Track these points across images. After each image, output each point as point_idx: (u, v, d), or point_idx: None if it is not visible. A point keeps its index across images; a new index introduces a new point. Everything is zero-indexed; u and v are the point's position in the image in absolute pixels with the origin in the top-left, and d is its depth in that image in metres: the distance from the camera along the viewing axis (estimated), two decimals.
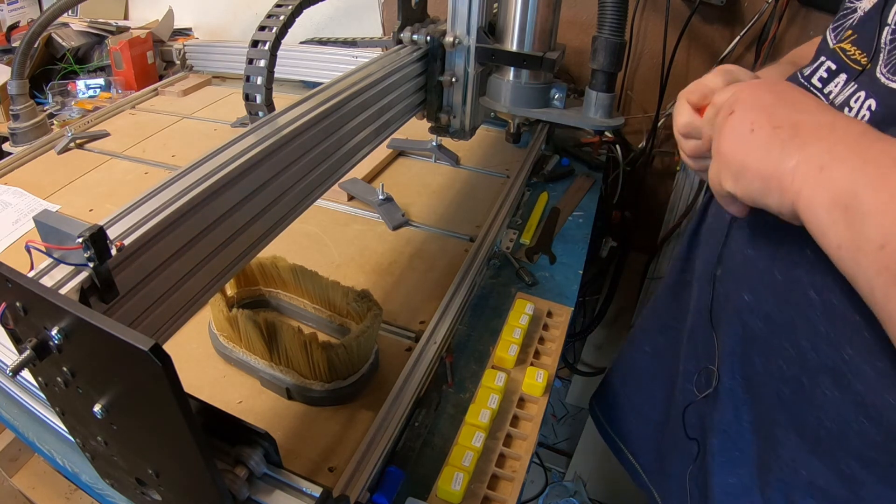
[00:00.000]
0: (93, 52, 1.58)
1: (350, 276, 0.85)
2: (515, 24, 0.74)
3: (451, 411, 0.67)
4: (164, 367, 0.31)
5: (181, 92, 1.48)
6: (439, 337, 0.71)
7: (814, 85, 0.46)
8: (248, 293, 0.76)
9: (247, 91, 0.68)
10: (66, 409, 0.44)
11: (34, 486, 0.95)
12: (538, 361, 0.74)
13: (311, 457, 0.60)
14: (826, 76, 0.45)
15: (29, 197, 1.03)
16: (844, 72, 0.44)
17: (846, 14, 0.48)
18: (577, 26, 1.31)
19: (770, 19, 1.13)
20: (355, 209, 1.01)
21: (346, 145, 0.63)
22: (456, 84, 0.80)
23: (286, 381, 0.64)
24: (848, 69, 0.43)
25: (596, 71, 0.71)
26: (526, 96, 0.77)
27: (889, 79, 0.38)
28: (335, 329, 0.73)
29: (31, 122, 1.22)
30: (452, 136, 0.86)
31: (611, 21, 0.67)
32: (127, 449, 0.42)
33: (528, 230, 0.98)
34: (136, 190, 0.42)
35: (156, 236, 0.41)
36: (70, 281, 0.37)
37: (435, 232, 0.96)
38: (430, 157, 1.17)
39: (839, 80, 0.44)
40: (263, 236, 0.53)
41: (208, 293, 0.48)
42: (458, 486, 0.57)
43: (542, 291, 0.87)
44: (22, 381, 0.62)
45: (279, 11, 0.69)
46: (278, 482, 0.45)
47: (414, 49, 0.77)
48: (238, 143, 0.50)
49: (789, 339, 0.44)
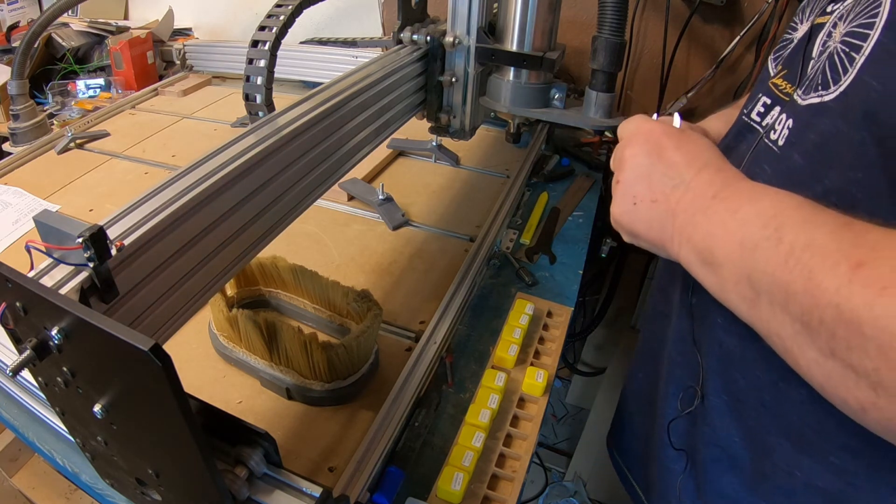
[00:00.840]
0: (93, 52, 1.58)
1: (350, 276, 0.85)
2: (515, 24, 0.74)
3: (451, 411, 0.67)
4: (164, 367, 0.31)
5: (181, 92, 1.48)
6: (439, 337, 0.71)
7: (753, 119, 0.51)
8: (248, 293, 0.76)
9: (247, 91, 0.68)
10: (66, 409, 0.44)
11: (34, 486, 0.95)
12: (538, 361, 0.75)
13: (311, 457, 0.60)
14: (763, 110, 0.51)
15: (29, 197, 1.03)
16: (778, 104, 0.48)
17: (784, 44, 0.52)
18: (577, 26, 1.31)
19: (770, 19, 1.13)
20: (355, 209, 1.01)
21: (346, 145, 0.63)
22: (456, 84, 0.80)
23: (286, 381, 0.64)
24: (780, 101, 0.48)
25: (596, 71, 0.71)
26: (526, 96, 0.78)
27: (803, 98, 0.44)
28: (335, 329, 0.73)
29: (31, 122, 1.22)
30: (452, 136, 0.86)
31: (611, 21, 0.67)
32: (127, 449, 0.42)
33: (528, 230, 0.98)
34: (136, 190, 0.42)
35: (156, 236, 0.41)
36: (70, 281, 0.37)
37: (435, 232, 0.96)
38: (430, 157, 1.17)
39: (774, 112, 0.49)
40: (263, 236, 0.53)
41: (208, 293, 0.48)
42: (458, 486, 0.57)
43: (542, 291, 0.87)
44: (22, 381, 0.62)
45: (279, 11, 0.69)
46: (278, 482, 0.45)
47: (414, 49, 0.77)
48: (238, 143, 0.50)
49: (760, 350, 0.46)
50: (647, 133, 0.48)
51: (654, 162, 0.46)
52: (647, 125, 0.50)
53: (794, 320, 0.34)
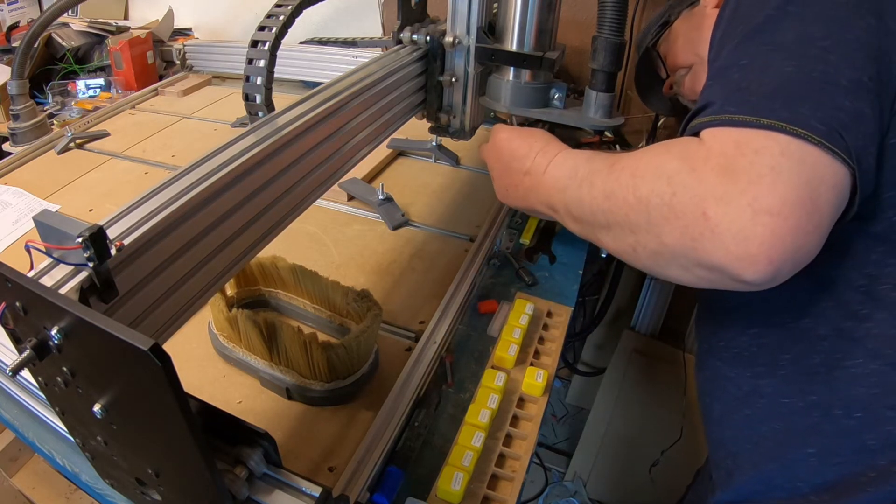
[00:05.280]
0: (93, 52, 1.58)
1: (350, 276, 0.85)
2: (515, 23, 0.74)
3: (451, 411, 0.67)
4: (164, 366, 0.31)
5: (181, 92, 1.48)
6: (439, 337, 0.71)
7: None
8: (248, 293, 0.76)
9: (246, 91, 0.68)
10: (66, 409, 0.44)
11: (34, 486, 0.95)
12: (538, 361, 0.75)
13: (311, 457, 0.60)
14: None
15: (29, 197, 1.03)
16: None
17: None
18: (577, 26, 1.31)
19: None
20: (355, 209, 1.01)
21: (346, 145, 0.63)
22: (456, 84, 0.80)
23: (286, 381, 0.64)
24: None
25: (596, 71, 0.70)
26: (526, 96, 0.77)
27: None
28: (335, 329, 0.73)
29: (31, 122, 1.22)
30: (452, 136, 0.86)
31: (611, 21, 0.67)
32: (127, 449, 0.42)
33: (527, 230, 0.98)
34: (136, 190, 0.42)
35: (156, 236, 0.40)
36: (70, 281, 0.37)
37: (435, 232, 0.96)
38: (430, 157, 1.17)
39: None
40: (263, 236, 0.52)
41: (208, 293, 0.48)
42: (457, 486, 0.57)
43: (542, 291, 0.87)
44: (22, 381, 0.62)
45: (279, 11, 0.69)
46: (278, 482, 0.45)
47: (414, 49, 0.77)
48: (238, 143, 0.50)
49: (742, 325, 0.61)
50: (494, 142, 0.69)
51: (505, 165, 0.66)
52: (498, 135, 0.69)
53: (595, 222, 0.51)
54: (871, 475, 0.48)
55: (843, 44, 0.42)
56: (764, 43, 0.45)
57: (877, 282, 0.47)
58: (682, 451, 1.38)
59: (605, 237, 0.51)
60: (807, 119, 0.40)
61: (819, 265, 0.43)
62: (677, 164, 0.43)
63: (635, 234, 0.46)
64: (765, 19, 0.45)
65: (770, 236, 0.38)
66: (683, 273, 0.45)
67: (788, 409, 0.53)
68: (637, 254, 0.47)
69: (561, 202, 0.57)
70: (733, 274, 0.40)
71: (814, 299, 0.51)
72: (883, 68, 0.43)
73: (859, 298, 0.48)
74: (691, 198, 0.41)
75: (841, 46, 0.42)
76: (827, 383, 0.50)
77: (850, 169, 0.40)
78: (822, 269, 0.48)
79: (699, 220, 0.40)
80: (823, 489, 0.51)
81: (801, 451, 0.52)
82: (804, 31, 0.43)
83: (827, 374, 0.50)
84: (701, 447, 0.70)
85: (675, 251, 0.43)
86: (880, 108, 0.43)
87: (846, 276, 0.49)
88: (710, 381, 0.64)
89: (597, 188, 0.50)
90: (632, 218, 0.46)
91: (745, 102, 0.42)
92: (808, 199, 0.39)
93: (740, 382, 0.58)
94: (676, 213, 0.42)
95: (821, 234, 0.40)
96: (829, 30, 0.43)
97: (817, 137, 0.39)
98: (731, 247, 0.39)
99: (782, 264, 0.39)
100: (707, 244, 0.40)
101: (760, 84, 0.43)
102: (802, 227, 0.38)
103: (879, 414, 0.48)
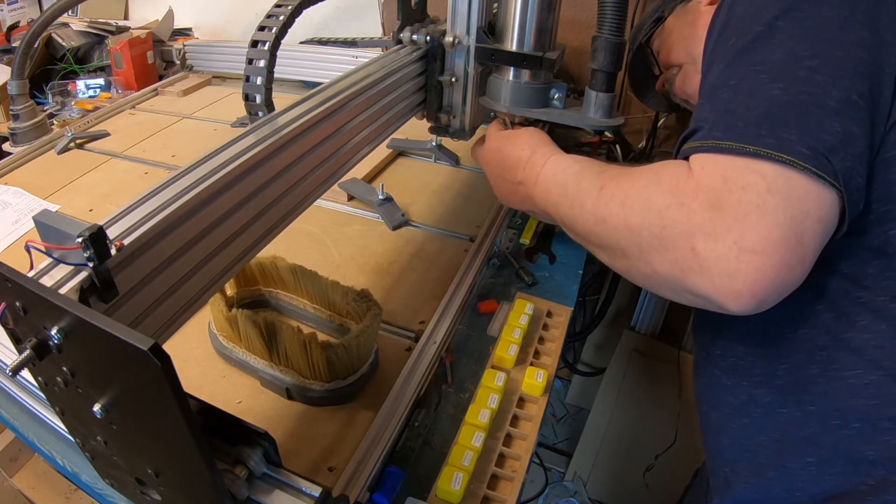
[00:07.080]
0: (93, 52, 1.58)
1: (350, 276, 0.85)
2: (515, 23, 0.73)
3: (450, 411, 0.67)
4: (164, 366, 0.31)
5: (181, 92, 1.48)
6: (439, 337, 0.71)
7: None
8: (247, 293, 0.76)
9: (246, 91, 0.68)
10: (66, 408, 0.44)
11: (34, 486, 0.95)
12: (538, 361, 0.75)
13: (311, 457, 0.60)
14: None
15: (29, 197, 1.03)
16: None
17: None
18: (577, 26, 1.31)
19: None
20: (355, 209, 1.01)
21: (345, 145, 0.63)
22: (456, 84, 0.80)
23: (286, 381, 0.64)
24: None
25: (596, 71, 0.70)
26: (525, 96, 0.77)
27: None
28: (335, 329, 0.73)
29: (31, 122, 1.22)
30: (452, 136, 0.86)
31: (611, 21, 0.67)
32: (127, 449, 0.42)
33: (527, 230, 0.98)
34: (136, 190, 0.42)
35: (155, 236, 0.40)
36: (70, 281, 0.37)
37: (435, 232, 0.96)
38: (430, 157, 1.17)
39: None
40: (263, 236, 0.52)
41: (208, 293, 0.48)
42: (457, 486, 0.57)
43: (541, 291, 0.87)
44: (22, 381, 0.62)
45: (279, 11, 0.69)
46: (278, 482, 0.45)
47: (414, 49, 0.77)
48: (238, 143, 0.50)
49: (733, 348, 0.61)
50: (486, 152, 0.73)
51: (503, 167, 0.69)
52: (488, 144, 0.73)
53: (588, 241, 0.54)
54: (870, 485, 0.48)
55: (832, 62, 0.43)
56: (752, 63, 0.45)
57: (875, 294, 0.47)
58: (679, 452, 1.38)
59: (600, 254, 0.53)
60: (792, 145, 0.40)
61: (817, 277, 0.43)
62: (667, 199, 0.44)
63: (627, 258, 0.48)
64: (754, 36, 0.46)
65: (754, 273, 0.39)
66: (674, 295, 0.46)
67: (786, 419, 0.53)
68: (630, 274, 0.49)
69: (556, 215, 0.59)
70: (719, 304, 0.42)
71: (812, 310, 0.51)
72: (875, 83, 0.43)
73: (858, 310, 0.48)
74: (680, 233, 0.42)
75: (829, 65, 0.42)
76: (825, 393, 0.50)
77: (837, 191, 0.41)
78: (821, 281, 0.49)
79: (688, 254, 0.42)
80: (822, 499, 0.51)
81: (799, 460, 0.52)
82: (792, 50, 0.44)
83: (825, 385, 0.50)
84: (698, 449, 0.70)
85: (667, 277, 0.44)
86: (871, 125, 0.43)
87: (844, 288, 0.49)
88: (707, 388, 0.63)
89: (587, 211, 0.52)
90: (623, 244, 0.47)
91: (732, 128, 0.43)
92: (791, 235, 0.39)
93: (737, 391, 0.58)
94: (666, 245, 0.43)
95: (805, 266, 0.41)
96: (818, 48, 0.43)
97: (803, 163, 0.40)
98: (717, 281, 0.41)
99: (766, 297, 0.41)
100: (696, 277, 0.42)
101: (748, 108, 0.43)
102: (786, 262, 0.40)
103: (878, 424, 0.47)
